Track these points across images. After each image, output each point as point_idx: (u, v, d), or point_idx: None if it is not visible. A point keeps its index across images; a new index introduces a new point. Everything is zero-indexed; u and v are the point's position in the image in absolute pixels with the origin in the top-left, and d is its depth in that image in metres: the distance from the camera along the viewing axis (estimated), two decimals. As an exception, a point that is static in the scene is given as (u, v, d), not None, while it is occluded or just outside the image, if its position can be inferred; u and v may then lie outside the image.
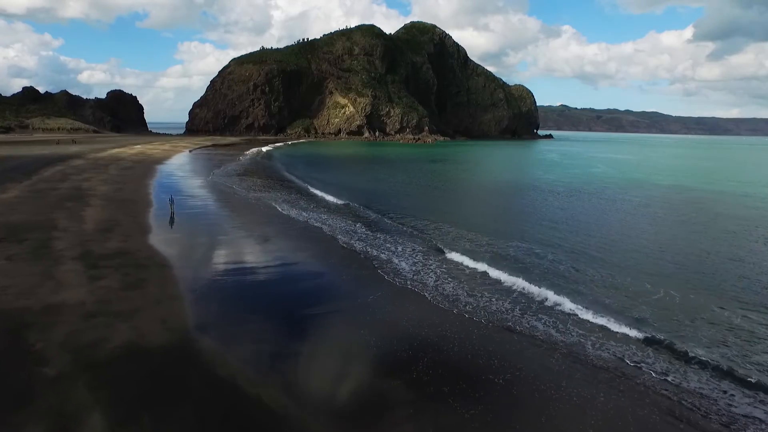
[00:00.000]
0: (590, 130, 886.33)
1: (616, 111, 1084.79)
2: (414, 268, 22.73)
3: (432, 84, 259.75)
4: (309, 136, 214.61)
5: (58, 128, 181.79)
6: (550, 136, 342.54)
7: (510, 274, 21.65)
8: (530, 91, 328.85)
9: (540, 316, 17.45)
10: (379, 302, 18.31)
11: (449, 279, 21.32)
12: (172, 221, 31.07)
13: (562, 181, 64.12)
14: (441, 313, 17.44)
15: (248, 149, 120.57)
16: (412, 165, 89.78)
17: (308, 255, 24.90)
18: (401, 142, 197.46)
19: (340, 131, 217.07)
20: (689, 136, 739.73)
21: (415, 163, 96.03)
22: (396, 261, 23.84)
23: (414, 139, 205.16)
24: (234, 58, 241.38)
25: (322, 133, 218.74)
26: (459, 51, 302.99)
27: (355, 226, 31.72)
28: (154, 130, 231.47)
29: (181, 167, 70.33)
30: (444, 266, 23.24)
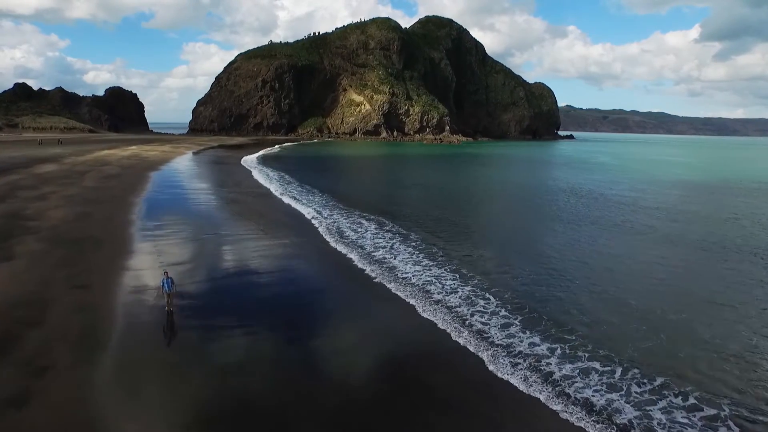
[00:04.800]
0: (596, 130, 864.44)
1: (622, 111, 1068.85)
2: None
3: (451, 81, 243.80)
4: (322, 136, 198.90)
5: (51, 127, 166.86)
6: (571, 137, 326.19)
7: None
8: (551, 90, 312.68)
9: None
10: None
11: None
12: (169, 330, 13.82)
13: (682, 189, 48.33)
14: None
15: (262, 150, 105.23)
16: (464, 168, 74.09)
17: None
18: (424, 142, 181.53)
19: (355, 131, 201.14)
20: (700, 137, 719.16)
21: (464, 165, 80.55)
22: None
23: (435, 139, 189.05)
24: (241, 53, 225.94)
25: (336, 133, 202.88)
26: (477, 47, 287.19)
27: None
28: (156, 130, 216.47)
29: (182, 175, 54.81)
30: None
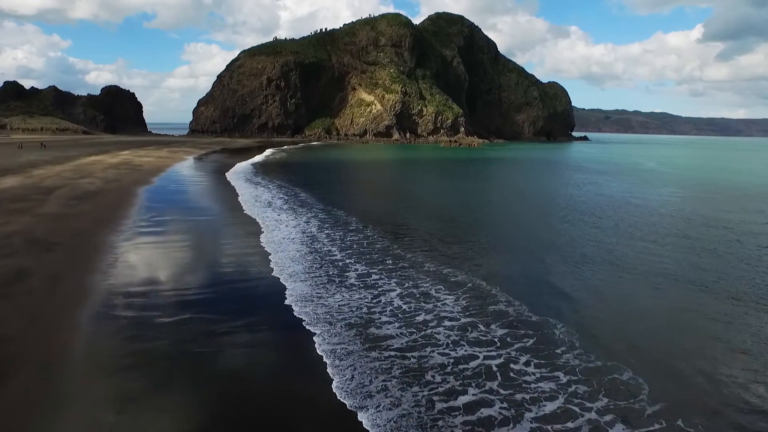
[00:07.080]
0: (599, 130, 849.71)
1: (624, 111, 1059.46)
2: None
3: (463, 80, 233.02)
4: (330, 138, 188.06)
5: (42, 128, 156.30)
6: (585, 138, 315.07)
7: None
8: (564, 90, 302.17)
9: None
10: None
11: None
12: None
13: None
14: None
15: (262, 155, 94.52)
16: (513, 181, 63.09)
17: None
18: (441, 144, 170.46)
19: (366, 132, 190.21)
20: (709, 137, 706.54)
21: (509, 175, 69.70)
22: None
23: (452, 141, 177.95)
24: (244, 50, 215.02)
25: (345, 135, 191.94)
26: (489, 45, 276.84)
27: None
28: (155, 131, 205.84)
29: (180, 194, 43.83)
30: None
